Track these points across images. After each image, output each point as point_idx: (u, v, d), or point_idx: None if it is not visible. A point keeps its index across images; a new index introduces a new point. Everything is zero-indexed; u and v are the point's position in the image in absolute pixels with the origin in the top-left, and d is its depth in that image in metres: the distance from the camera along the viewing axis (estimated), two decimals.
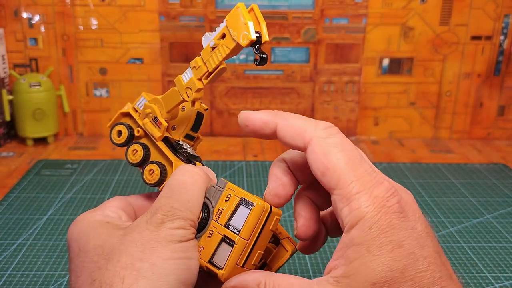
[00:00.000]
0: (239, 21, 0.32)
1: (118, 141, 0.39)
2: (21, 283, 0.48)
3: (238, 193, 0.34)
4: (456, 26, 0.88)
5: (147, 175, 0.38)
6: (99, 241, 0.33)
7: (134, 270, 0.30)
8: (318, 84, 0.91)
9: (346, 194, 0.29)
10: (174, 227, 0.31)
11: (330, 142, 0.30)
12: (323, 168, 0.30)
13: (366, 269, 0.27)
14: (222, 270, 0.33)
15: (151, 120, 0.38)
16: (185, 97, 0.36)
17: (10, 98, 0.84)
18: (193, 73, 0.35)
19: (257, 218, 0.33)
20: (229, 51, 0.33)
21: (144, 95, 0.39)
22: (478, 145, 0.91)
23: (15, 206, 0.63)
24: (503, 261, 0.54)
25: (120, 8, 0.86)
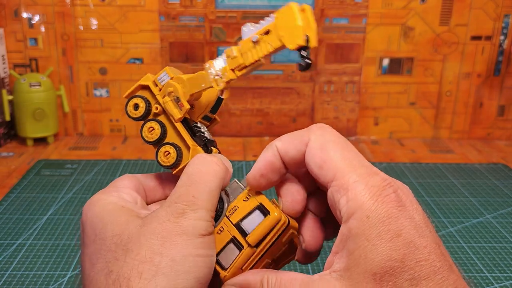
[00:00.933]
0: (289, 21, 0.30)
1: (134, 115, 0.37)
2: (21, 283, 0.48)
3: (259, 197, 0.33)
4: (456, 26, 0.88)
5: (162, 157, 0.36)
6: (116, 228, 0.32)
7: (153, 265, 0.29)
8: (318, 84, 0.91)
9: (343, 184, 0.29)
10: (196, 218, 0.31)
11: (326, 137, 0.31)
12: (320, 162, 0.30)
13: (366, 260, 0.27)
14: (226, 272, 0.33)
15: (173, 99, 0.36)
16: (214, 84, 0.34)
17: (10, 98, 0.84)
18: (227, 62, 0.34)
19: (269, 228, 0.32)
20: (272, 50, 0.31)
21: (168, 70, 0.37)
22: (478, 145, 0.91)
23: (15, 206, 0.63)
24: (503, 261, 0.54)
25: (120, 8, 0.86)
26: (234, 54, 0.33)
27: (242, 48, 0.33)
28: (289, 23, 0.30)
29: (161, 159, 0.36)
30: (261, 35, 0.32)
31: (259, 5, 0.86)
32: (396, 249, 0.27)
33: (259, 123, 0.92)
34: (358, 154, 0.30)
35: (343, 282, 0.28)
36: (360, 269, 0.27)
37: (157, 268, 0.29)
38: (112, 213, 0.33)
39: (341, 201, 0.29)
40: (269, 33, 0.31)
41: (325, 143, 0.31)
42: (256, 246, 0.32)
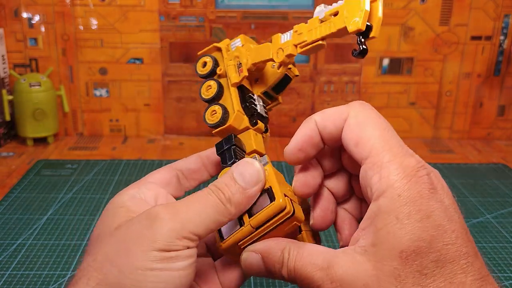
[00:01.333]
0: (357, 5, 0.30)
1: (201, 72, 0.38)
2: (21, 283, 0.48)
3: (270, 179, 0.33)
4: (456, 26, 0.88)
5: (208, 115, 0.36)
6: (98, 230, 0.32)
7: (101, 273, 0.28)
8: (318, 84, 0.91)
9: (377, 161, 0.29)
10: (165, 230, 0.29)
11: (365, 114, 0.31)
12: (357, 138, 0.30)
13: (394, 237, 0.27)
14: (223, 242, 0.32)
15: (236, 64, 0.36)
16: (274, 56, 0.34)
17: (10, 98, 0.84)
18: (292, 37, 0.34)
19: (272, 215, 0.31)
20: (335, 31, 0.31)
21: (241, 37, 0.38)
22: (478, 145, 0.91)
23: (15, 206, 0.63)
24: (503, 261, 0.54)
25: (120, 8, 0.86)
26: (301, 31, 0.33)
27: (309, 25, 0.33)
28: (355, 6, 0.30)
29: (207, 117, 0.36)
30: (329, 15, 0.32)
31: (259, 5, 0.86)
32: (425, 230, 0.27)
33: None
34: (395, 134, 0.30)
35: (368, 257, 0.28)
36: (386, 245, 0.27)
37: (103, 277, 0.28)
38: (107, 211, 0.33)
39: (374, 178, 0.29)
40: (337, 15, 0.31)
41: (363, 120, 0.31)
42: (256, 229, 0.32)
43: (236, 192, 0.31)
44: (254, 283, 0.50)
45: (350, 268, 0.28)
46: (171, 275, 0.28)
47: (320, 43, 0.32)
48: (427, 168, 0.28)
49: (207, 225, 0.30)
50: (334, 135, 0.32)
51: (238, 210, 0.31)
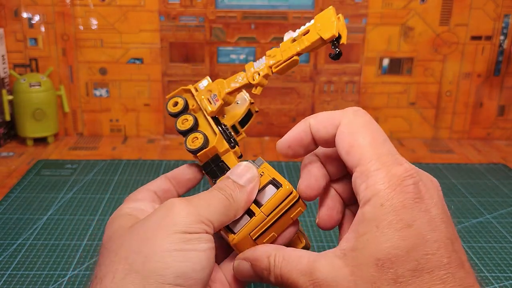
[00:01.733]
0: (326, 18, 0.36)
1: (173, 110, 0.41)
2: (21, 283, 0.48)
3: (271, 173, 0.36)
4: (456, 26, 0.88)
5: (189, 141, 0.39)
6: (109, 232, 0.32)
7: (127, 263, 0.29)
8: (318, 84, 0.91)
9: (365, 170, 0.29)
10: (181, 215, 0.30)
11: (357, 122, 0.31)
12: (348, 147, 0.31)
13: (373, 245, 0.27)
14: (235, 235, 0.34)
15: (209, 97, 0.40)
16: (251, 80, 0.38)
17: (10, 98, 0.84)
18: (266, 60, 0.38)
19: (281, 199, 0.34)
20: (309, 44, 0.36)
21: (208, 78, 0.42)
22: (478, 145, 0.91)
23: (15, 206, 0.63)
24: (503, 261, 0.54)
25: (120, 8, 0.86)
26: (274, 54, 0.38)
27: (282, 47, 0.38)
28: (326, 20, 0.36)
29: (188, 143, 0.39)
30: (301, 35, 0.37)
31: (259, 5, 0.86)
32: (404, 239, 0.27)
33: (259, 123, 0.92)
34: (387, 142, 0.31)
35: (346, 262, 0.28)
36: (364, 252, 0.28)
37: (130, 267, 0.29)
38: (114, 219, 0.34)
39: (361, 187, 0.29)
40: (308, 32, 0.37)
41: (355, 127, 0.31)
42: (267, 216, 0.34)
43: (235, 189, 0.34)
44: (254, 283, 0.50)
45: (330, 273, 0.29)
46: (197, 255, 0.30)
47: (295, 59, 0.37)
48: (415, 178, 0.29)
49: (218, 216, 0.32)
50: (326, 139, 0.33)
51: (241, 206, 0.34)
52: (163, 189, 0.40)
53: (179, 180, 0.41)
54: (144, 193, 0.38)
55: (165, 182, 0.40)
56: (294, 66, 0.38)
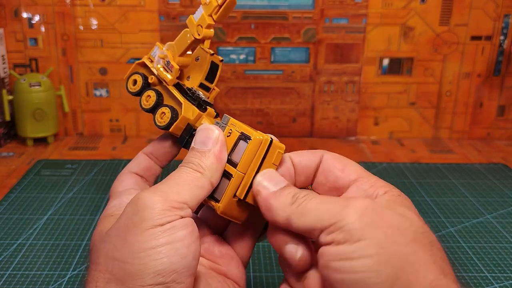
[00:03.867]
0: None
1: (133, 90, 0.39)
2: (21, 283, 0.48)
3: (239, 127, 0.34)
4: (456, 26, 0.88)
5: (158, 118, 0.37)
6: (93, 240, 0.32)
7: (107, 271, 0.28)
8: (318, 84, 0.91)
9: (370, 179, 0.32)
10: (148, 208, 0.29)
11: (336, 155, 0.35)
12: (342, 166, 0.33)
13: None
14: (219, 203, 0.33)
15: (164, 65, 0.38)
16: (195, 35, 0.36)
17: (10, 98, 0.84)
18: (203, 9, 0.36)
19: (255, 151, 0.32)
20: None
21: (158, 44, 0.39)
22: (478, 145, 0.91)
23: (15, 206, 0.63)
24: (503, 261, 0.54)
25: (120, 8, 0.86)
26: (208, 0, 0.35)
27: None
28: None
29: (157, 120, 0.37)
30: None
31: (259, 5, 0.86)
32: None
33: (259, 123, 0.92)
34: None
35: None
36: None
37: (110, 275, 0.28)
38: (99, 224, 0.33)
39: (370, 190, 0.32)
40: None
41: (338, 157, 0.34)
42: (245, 173, 0.32)
43: (202, 158, 0.32)
44: (254, 283, 0.50)
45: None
46: (173, 247, 0.28)
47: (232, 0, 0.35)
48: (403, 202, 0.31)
49: (191, 193, 0.31)
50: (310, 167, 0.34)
51: (214, 172, 0.32)
52: (145, 167, 0.39)
53: (158, 154, 0.40)
54: (127, 181, 0.37)
55: (145, 159, 0.39)
56: (232, 7, 0.36)
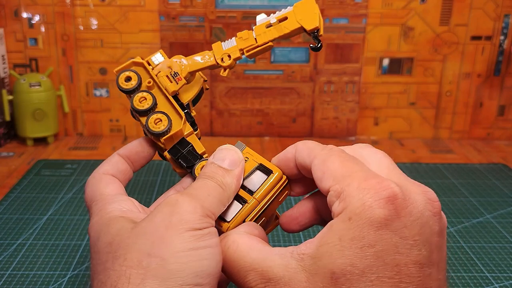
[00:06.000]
0: (308, 9, 0.36)
1: (125, 86, 0.39)
2: (21, 283, 0.48)
3: (256, 158, 0.36)
4: (456, 26, 0.88)
5: (151, 123, 0.37)
6: (108, 237, 0.31)
7: (141, 268, 0.28)
8: (318, 84, 0.91)
9: (337, 188, 0.28)
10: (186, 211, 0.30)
11: (328, 152, 0.31)
12: (321, 174, 0.30)
13: (330, 257, 0.27)
14: (229, 223, 0.34)
15: (169, 74, 0.38)
16: (219, 61, 0.38)
17: (10, 98, 0.84)
18: (237, 42, 0.38)
19: (273, 185, 0.34)
20: (288, 32, 0.36)
21: (162, 52, 0.40)
22: (478, 145, 0.91)
23: (15, 206, 0.63)
24: (503, 261, 0.54)
25: (120, 8, 0.86)
26: (246, 36, 0.38)
27: (256, 31, 0.37)
28: (308, 10, 0.36)
29: (151, 125, 0.37)
30: (277, 21, 0.37)
31: (259, 5, 0.86)
32: (362, 259, 0.26)
33: (259, 123, 0.92)
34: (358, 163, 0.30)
35: (303, 266, 0.28)
36: (322, 262, 0.27)
37: (145, 271, 0.28)
38: (109, 224, 0.32)
39: (335, 203, 0.28)
40: (286, 19, 0.37)
41: (326, 157, 0.31)
42: (260, 202, 0.34)
43: (224, 175, 0.33)
44: None
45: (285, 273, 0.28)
46: (212, 251, 0.29)
47: (270, 45, 0.37)
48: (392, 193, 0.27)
49: (216, 206, 0.32)
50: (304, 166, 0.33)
51: (231, 192, 0.33)
52: (121, 170, 0.39)
53: (134, 159, 0.40)
54: (112, 184, 0.37)
55: (120, 162, 0.39)
56: (268, 50, 0.37)
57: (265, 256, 0.29)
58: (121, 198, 0.36)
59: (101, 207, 0.35)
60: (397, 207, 0.26)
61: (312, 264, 0.27)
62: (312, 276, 0.27)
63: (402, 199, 0.27)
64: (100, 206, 0.35)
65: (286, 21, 0.37)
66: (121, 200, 0.35)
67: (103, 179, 0.38)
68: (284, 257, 0.29)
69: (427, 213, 0.27)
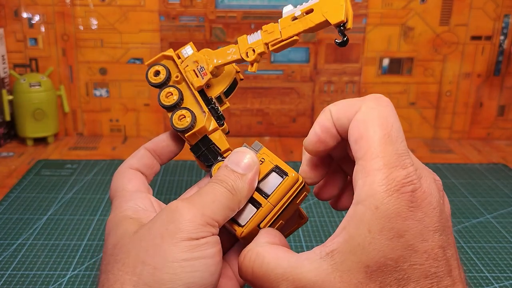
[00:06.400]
0: (335, 1, 0.34)
1: (154, 81, 0.38)
2: (21, 283, 0.48)
3: (272, 159, 0.35)
4: (456, 26, 0.88)
5: (176, 119, 0.37)
6: (114, 239, 0.31)
7: (134, 275, 0.28)
8: (318, 84, 0.91)
9: (367, 166, 0.28)
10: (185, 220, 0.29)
11: (375, 112, 0.29)
12: (357, 136, 0.29)
13: (363, 251, 0.27)
14: (243, 227, 0.33)
15: (196, 68, 0.37)
16: (244, 56, 0.36)
17: (10, 98, 0.84)
18: (262, 36, 0.36)
19: (289, 188, 0.34)
20: (313, 25, 0.34)
21: (191, 44, 0.39)
22: (478, 145, 0.91)
23: (15, 206, 0.63)
24: (503, 261, 0.54)
25: (120, 8, 0.86)
26: (271, 30, 0.36)
27: (281, 24, 0.36)
28: (335, 2, 0.34)
29: (175, 121, 0.37)
30: (303, 13, 0.35)
31: (259, 5, 0.86)
32: (394, 249, 0.26)
33: (259, 123, 0.92)
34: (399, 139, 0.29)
35: (334, 266, 0.27)
36: (354, 257, 0.27)
37: (138, 278, 0.28)
38: (118, 224, 0.32)
39: (359, 182, 0.28)
40: (312, 12, 0.35)
41: (371, 117, 0.29)
42: (275, 205, 0.33)
43: (236, 179, 0.33)
44: None
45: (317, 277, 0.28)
46: (206, 263, 0.29)
47: (296, 39, 0.35)
48: (415, 184, 0.27)
49: (222, 212, 0.31)
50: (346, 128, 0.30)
51: (243, 196, 0.33)
52: (147, 164, 0.38)
53: (161, 152, 0.39)
54: (135, 180, 0.37)
55: (146, 155, 0.39)
56: (293, 45, 0.36)
57: (294, 264, 0.29)
58: (139, 195, 0.35)
59: (118, 204, 0.35)
60: (418, 199, 0.27)
61: (344, 261, 0.27)
62: (346, 274, 0.27)
63: (422, 192, 0.28)
64: (118, 203, 0.35)
65: (311, 13, 0.34)
66: (138, 197, 0.35)
67: (127, 174, 0.37)
68: (313, 261, 0.28)
69: (440, 200, 0.29)
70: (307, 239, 0.56)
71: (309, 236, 0.57)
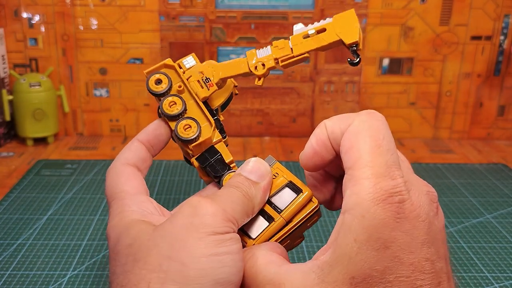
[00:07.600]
0: (349, 22, 0.35)
1: (155, 89, 0.38)
2: (21, 283, 0.48)
3: (287, 175, 0.35)
4: (456, 26, 0.88)
5: (181, 129, 0.37)
6: (128, 239, 0.30)
7: (161, 272, 0.27)
8: (318, 84, 0.91)
9: (355, 175, 0.28)
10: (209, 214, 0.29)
11: (366, 124, 0.30)
12: (348, 146, 0.29)
13: (349, 261, 0.27)
14: (254, 240, 0.33)
15: (201, 79, 0.38)
16: (253, 69, 0.37)
17: (10, 98, 0.84)
18: (272, 51, 0.37)
19: (302, 205, 0.33)
20: (326, 44, 0.35)
21: (194, 55, 0.39)
22: (478, 145, 0.91)
23: (15, 206, 0.63)
24: (503, 261, 0.54)
25: (120, 8, 0.86)
26: (282, 46, 0.36)
27: (292, 41, 0.36)
28: (348, 23, 0.35)
29: (180, 131, 0.37)
30: (315, 32, 0.36)
31: (259, 5, 0.86)
32: (380, 260, 0.26)
33: (259, 123, 0.92)
34: (389, 151, 0.29)
35: (321, 277, 0.27)
36: (341, 267, 0.27)
37: (165, 275, 0.27)
38: (127, 226, 0.32)
39: (347, 192, 0.28)
40: (325, 31, 0.36)
41: (362, 129, 0.29)
42: (287, 222, 0.33)
43: (250, 187, 0.33)
44: None
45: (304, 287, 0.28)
46: (233, 258, 0.29)
47: (307, 56, 0.36)
48: (404, 196, 0.27)
49: (240, 213, 0.31)
50: (339, 141, 0.31)
51: (256, 204, 0.33)
52: (142, 158, 0.38)
53: (154, 142, 0.39)
54: (133, 182, 0.36)
55: (140, 148, 0.38)
56: (301, 62, 0.36)
57: (284, 271, 0.29)
58: (141, 199, 0.35)
59: (121, 208, 0.34)
60: (405, 210, 0.27)
61: (331, 272, 0.27)
62: (331, 286, 0.27)
63: (410, 204, 0.27)
64: (120, 207, 0.34)
65: (324, 32, 0.35)
66: (141, 201, 0.35)
67: (124, 173, 0.37)
68: (302, 272, 0.28)
69: (431, 213, 0.28)
70: (307, 239, 0.56)
71: (309, 236, 0.57)
